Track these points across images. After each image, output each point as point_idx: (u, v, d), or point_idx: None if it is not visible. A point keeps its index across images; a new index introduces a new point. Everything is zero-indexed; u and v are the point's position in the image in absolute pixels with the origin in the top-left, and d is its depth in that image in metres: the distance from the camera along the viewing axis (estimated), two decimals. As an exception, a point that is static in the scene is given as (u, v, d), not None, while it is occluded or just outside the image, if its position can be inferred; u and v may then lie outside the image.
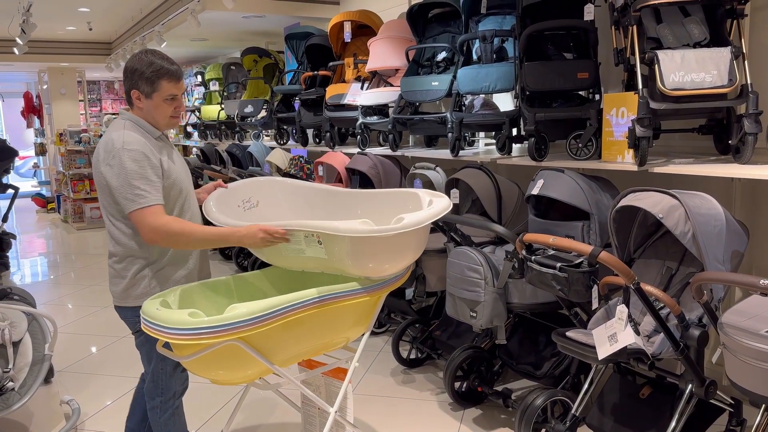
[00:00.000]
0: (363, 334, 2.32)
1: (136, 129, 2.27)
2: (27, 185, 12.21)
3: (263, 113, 6.56)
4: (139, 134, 2.25)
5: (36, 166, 12.36)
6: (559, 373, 2.95)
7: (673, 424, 2.32)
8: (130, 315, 2.31)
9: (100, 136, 9.15)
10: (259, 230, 2.18)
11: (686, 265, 2.59)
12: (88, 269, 6.89)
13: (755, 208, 3.04)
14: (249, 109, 6.58)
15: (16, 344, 3.01)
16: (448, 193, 3.53)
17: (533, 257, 2.33)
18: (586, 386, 2.67)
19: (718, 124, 2.98)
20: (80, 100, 11.59)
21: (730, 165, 2.65)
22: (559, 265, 2.20)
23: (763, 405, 2.16)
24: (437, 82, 3.96)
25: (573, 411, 2.65)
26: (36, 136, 11.86)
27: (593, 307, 2.37)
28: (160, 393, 2.41)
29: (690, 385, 2.33)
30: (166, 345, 2.08)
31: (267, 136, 7.31)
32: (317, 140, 5.84)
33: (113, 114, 13.77)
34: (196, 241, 2.23)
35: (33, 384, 2.89)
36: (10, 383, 2.87)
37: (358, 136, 4.75)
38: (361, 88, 4.79)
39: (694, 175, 2.65)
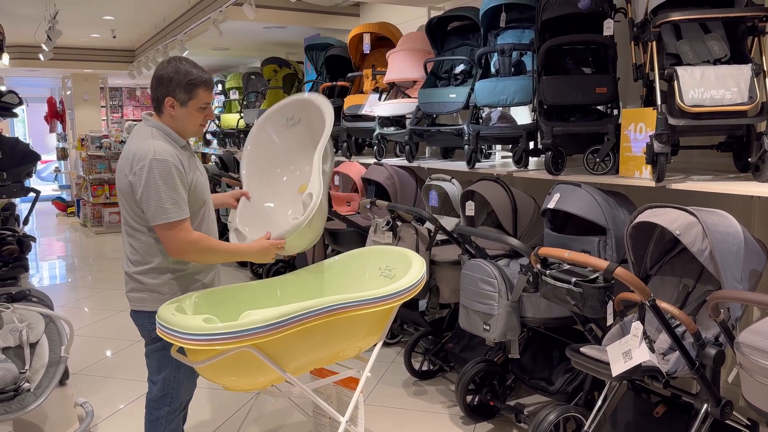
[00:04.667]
0: (375, 344, 2.32)
1: (164, 138, 2.28)
2: (48, 189, 12.40)
3: (282, 123, 6.61)
4: (167, 143, 2.26)
5: (57, 170, 12.54)
6: (572, 389, 2.93)
7: (687, 444, 2.29)
8: (147, 321, 2.31)
9: (121, 142, 9.29)
10: (271, 246, 2.38)
11: (703, 282, 2.57)
12: (105, 273, 6.97)
13: (774, 227, 3.01)
14: (268, 118, 6.63)
15: (32, 346, 3.05)
16: (463, 206, 3.53)
17: (548, 271, 2.32)
18: (599, 403, 2.64)
19: (737, 142, 2.95)
20: (102, 106, 11.77)
21: (749, 183, 2.63)
22: (574, 280, 2.19)
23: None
24: (455, 95, 3.97)
25: (586, 428, 2.62)
26: (58, 141, 12.05)
27: (608, 324, 2.35)
28: (168, 403, 2.39)
29: (705, 405, 2.30)
30: (181, 350, 2.10)
31: (285, 145, 7.36)
32: (335, 151, 5.87)
33: (134, 120, 13.95)
34: (219, 257, 2.34)
35: (48, 385, 2.93)
36: (26, 384, 2.90)
37: (375, 147, 4.77)
38: (379, 99, 4.82)
39: (712, 192, 2.62)
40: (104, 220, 9.53)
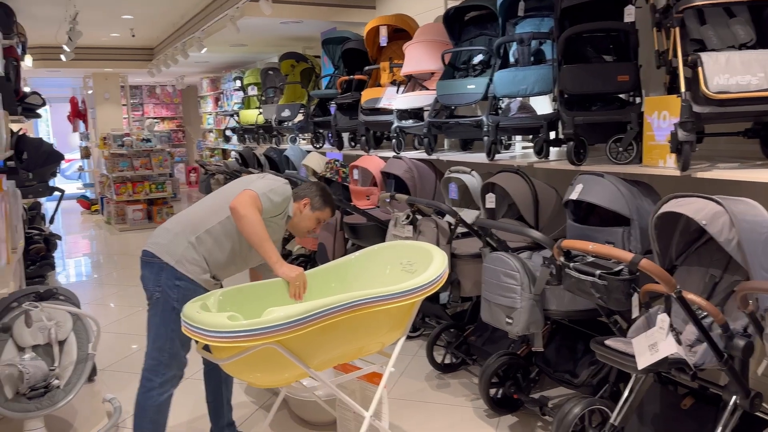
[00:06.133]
0: (398, 339, 2.32)
1: (288, 201, 2.71)
2: (72, 187, 12.59)
3: (300, 117, 6.63)
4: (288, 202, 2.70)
5: (81, 168, 12.72)
6: (597, 381, 2.90)
7: (716, 436, 2.25)
8: (164, 276, 2.47)
9: (143, 140, 9.38)
10: (295, 279, 2.46)
11: (731, 273, 2.52)
12: (130, 270, 7.06)
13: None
14: (286, 113, 6.65)
15: (61, 343, 3.11)
16: (483, 198, 3.51)
17: (572, 264, 2.29)
18: (625, 395, 2.61)
19: (764, 128, 2.89)
20: (123, 105, 11.90)
21: (777, 170, 2.57)
22: (598, 272, 2.16)
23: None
24: (473, 86, 3.94)
25: (612, 420, 2.60)
26: (81, 140, 12.22)
27: (633, 316, 2.32)
28: (161, 373, 2.51)
29: (734, 397, 2.26)
30: (206, 347, 2.12)
31: (303, 139, 7.38)
32: (353, 144, 5.87)
33: (154, 118, 14.09)
34: (251, 234, 2.45)
35: (77, 382, 2.98)
36: (56, 381, 2.96)
37: (393, 140, 4.76)
38: (397, 92, 4.80)
39: (739, 180, 2.57)
40: (128, 218, 9.65)
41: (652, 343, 2.08)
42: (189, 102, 15.58)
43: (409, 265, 2.52)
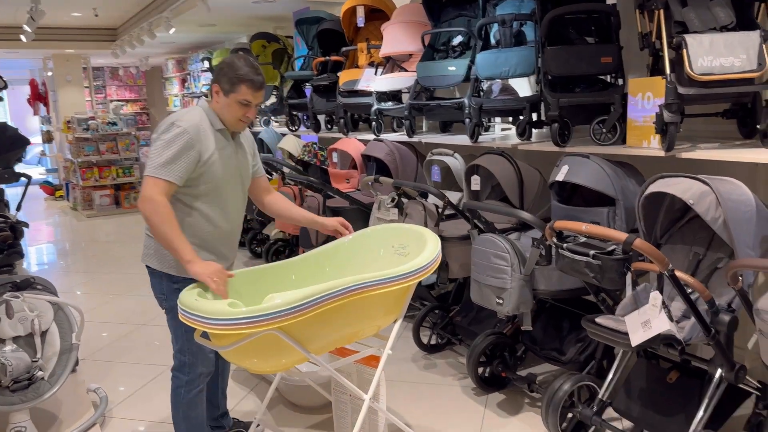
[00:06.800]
0: (395, 321, 2.33)
1: (201, 115, 2.40)
2: (34, 173, 12.21)
3: (273, 99, 6.54)
4: (201, 120, 2.37)
5: (42, 153, 12.35)
6: (584, 358, 2.97)
7: (702, 408, 2.33)
8: (165, 284, 2.41)
9: (108, 123, 9.14)
10: (212, 276, 2.15)
11: (713, 250, 2.60)
12: (99, 257, 6.91)
13: (779, 192, 3.04)
14: (259, 95, 6.54)
15: (43, 334, 3.03)
16: (468, 180, 3.53)
17: (564, 244, 2.33)
18: (612, 371, 2.69)
19: (742, 109, 2.97)
20: (86, 87, 11.55)
21: (757, 150, 2.64)
22: (592, 252, 2.20)
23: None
24: (454, 67, 3.93)
25: (600, 396, 2.67)
26: (42, 124, 11.84)
27: (627, 294, 2.38)
28: (187, 372, 2.49)
29: (720, 370, 2.34)
30: (204, 334, 2.10)
31: (276, 122, 7.29)
32: (329, 126, 5.83)
33: (118, 101, 13.73)
34: (156, 232, 2.25)
35: (62, 373, 2.92)
36: (40, 372, 2.89)
37: (373, 123, 4.73)
38: (375, 73, 4.76)
39: (719, 160, 2.64)
40: (95, 204, 9.43)
41: (645, 320, 2.14)
42: (153, 84, 15.22)
43: (402, 248, 2.53)
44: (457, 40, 4.28)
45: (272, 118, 7.11)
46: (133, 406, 3.32)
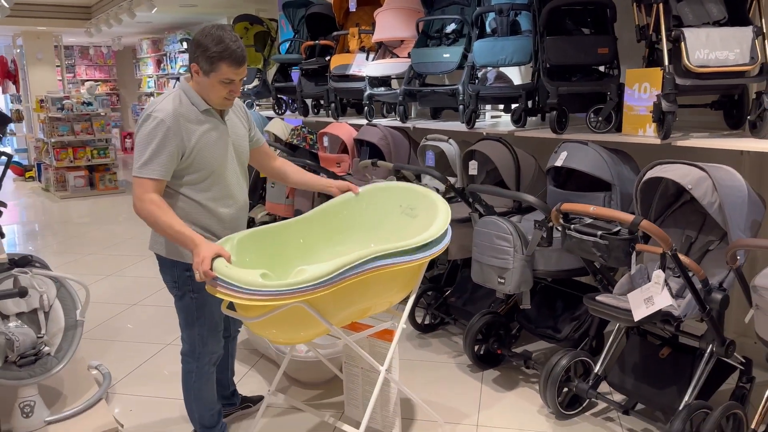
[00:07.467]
0: (409, 296, 2.42)
1: (181, 99, 2.29)
2: (-1, 152, 11.88)
3: (255, 82, 6.52)
4: (181, 105, 2.27)
5: (12, 132, 12.02)
6: (579, 335, 3.11)
7: (694, 380, 2.49)
8: (177, 271, 2.38)
9: (83, 103, 8.97)
10: (203, 258, 2.05)
11: (705, 233, 2.75)
12: (74, 239, 6.82)
13: (761, 180, 3.22)
14: (242, 77, 6.52)
15: (47, 312, 3.03)
16: (465, 165, 3.63)
17: (572, 226, 2.45)
18: (607, 347, 2.83)
19: (730, 100, 3.13)
20: (57, 66, 11.28)
21: (745, 139, 2.80)
22: (600, 233, 2.32)
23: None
24: (448, 54, 4.02)
25: (596, 370, 2.82)
26: (12, 102, 11.52)
27: (631, 272, 2.51)
28: (197, 358, 2.49)
29: (711, 345, 2.50)
30: (230, 306, 2.15)
31: (258, 105, 7.27)
32: (316, 111, 5.85)
33: (95, 81, 13.43)
34: (158, 228, 2.22)
35: (69, 349, 2.93)
36: (46, 348, 2.90)
37: (365, 108, 4.79)
38: (366, 58, 4.81)
39: (710, 148, 2.79)
40: (69, 185, 9.26)
41: (648, 297, 2.27)
42: (124, 64, 14.92)
43: (410, 209, 2.53)
44: (451, 27, 4.36)
45: (255, 101, 7.09)
46: (137, 383, 3.35)
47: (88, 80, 14.03)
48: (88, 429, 2.77)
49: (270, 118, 6.09)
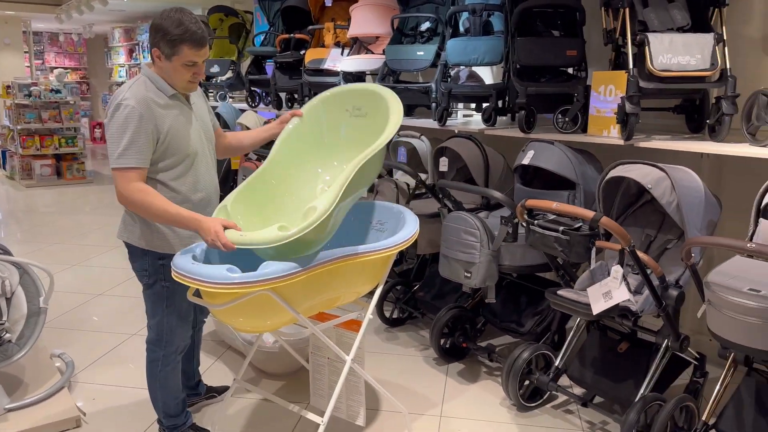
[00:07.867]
0: (376, 288, 2.46)
1: (147, 85, 2.28)
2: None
3: (229, 74, 6.49)
4: (148, 91, 2.25)
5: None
6: (541, 330, 3.18)
7: (650, 374, 2.58)
8: (149, 260, 2.37)
9: (52, 90, 8.80)
10: (215, 232, 2.04)
11: (664, 232, 2.84)
12: (39, 228, 6.69)
13: (720, 182, 3.33)
14: (215, 68, 6.49)
15: (9, 298, 2.99)
16: (436, 162, 3.68)
17: (535, 221, 2.51)
18: (568, 341, 2.91)
19: (691, 105, 3.23)
20: (25, 52, 11.04)
21: (704, 142, 2.90)
22: (561, 228, 2.39)
23: (730, 357, 2.42)
24: (422, 52, 4.06)
25: (556, 364, 2.89)
26: (-24, 88, 11.23)
27: (591, 266, 2.58)
28: (163, 347, 2.49)
29: (666, 340, 2.59)
30: (196, 293, 2.16)
31: (231, 97, 7.23)
32: (290, 104, 5.85)
33: (65, 69, 13.16)
34: (152, 215, 2.22)
35: (31, 336, 2.90)
36: (7, 335, 2.86)
37: (339, 102, 4.80)
38: (341, 53, 4.83)
39: (671, 149, 2.88)
40: (35, 173, 9.08)
41: (606, 291, 2.34)
42: (95, 52, 14.65)
43: (358, 110, 2.50)
44: (425, 26, 4.41)
45: (228, 93, 7.05)
46: (100, 372, 3.33)
47: (57, 68, 13.75)
48: (50, 417, 2.75)
49: (243, 111, 6.08)
